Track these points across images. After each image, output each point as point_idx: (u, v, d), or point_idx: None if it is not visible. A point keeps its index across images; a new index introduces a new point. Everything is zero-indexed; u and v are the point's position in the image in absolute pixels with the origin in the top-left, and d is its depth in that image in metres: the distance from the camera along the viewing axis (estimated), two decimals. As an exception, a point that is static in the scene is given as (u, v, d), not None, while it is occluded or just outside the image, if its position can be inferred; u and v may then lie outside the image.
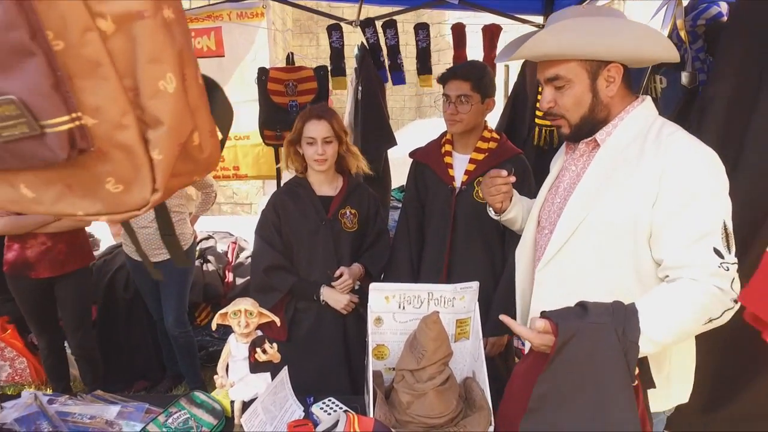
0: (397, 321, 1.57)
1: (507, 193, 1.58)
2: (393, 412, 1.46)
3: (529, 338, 1.11)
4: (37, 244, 2.47)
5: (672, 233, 1.17)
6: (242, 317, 1.27)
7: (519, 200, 1.67)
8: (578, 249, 1.34)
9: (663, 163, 1.20)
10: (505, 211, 1.63)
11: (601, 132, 1.33)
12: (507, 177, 1.55)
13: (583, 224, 1.32)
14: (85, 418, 1.43)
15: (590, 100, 1.30)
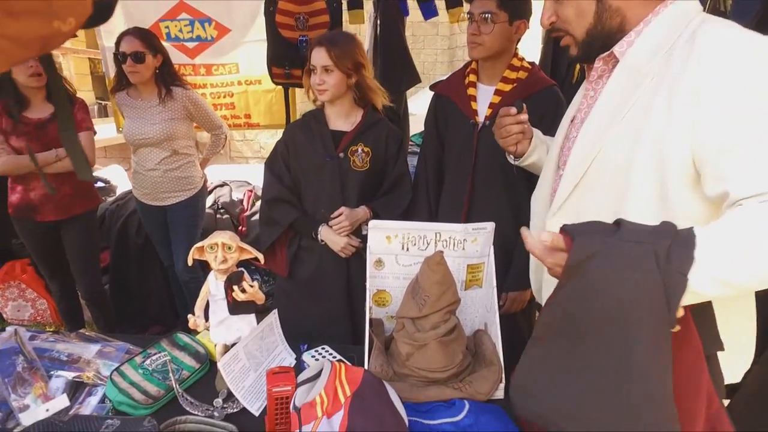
0: (399, 264, 1.41)
1: (521, 134, 1.36)
2: (391, 364, 1.32)
3: (541, 256, 0.87)
4: (40, 186, 2.39)
5: (738, 159, 0.85)
6: (219, 251, 1.13)
7: (542, 142, 1.44)
8: (592, 192, 1.10)
9: (699, 71, 0.89)
10: (524, 155, 1.41)
11: (620, 43, 1.04)
12: (517, 116, 1.33)
13: (597, 161, 1.06)
14: (63, 356, 1.34)
15: (594, 8, 1.04)
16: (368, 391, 1.06)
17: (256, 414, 1.17)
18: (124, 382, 1.18)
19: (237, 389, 1.16)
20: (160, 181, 2.62)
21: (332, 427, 0.99)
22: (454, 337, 1.28)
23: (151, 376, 1.22)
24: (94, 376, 1.25)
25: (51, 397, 1.18)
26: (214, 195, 3.39)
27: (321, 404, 1.03)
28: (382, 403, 1.04)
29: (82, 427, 0.89)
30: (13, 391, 1.19)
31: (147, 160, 2.60)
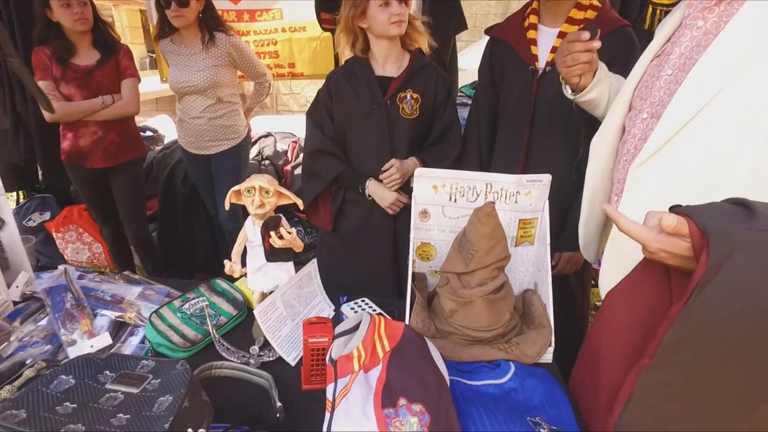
0: (446, 216, 1.32)
1: (587, 64, 1.22)
2: (433, 320, 1.26)
3: (643, 239, 0.74)
4: (88, 133, 2.43)
5: None
6: (256, 195, 1.07)
7: (606, 77, 1.29)
8: (699, 141, 0.97)
9: None
10: (585, 88, 1.26)
11: None
12: (588, 42, 1.18)
13: (714, 104, 0.93)
14: (107, 296, 1.35)
15: None
16: (408, 347, 1.00)
17: (292, 364, 1.14)
18: (163, 324, 1.17)
19: (273, 338, 1.13)
20: (204, 129, 2.61)
21: (369, 382, 0.94)
22: (502, 295, 1.19)
23: (189, 320, 1.21)
24: (136, 317, 1.26)
25: (96, 334, 1.19)
26: (258, 145, 3.37)
27: (358, 358, 0.98)
28: (423, 361, 0.98)
29: (119, 365, 0.88)
30: (62, 326, 1.21)
31: (191, 108, 2.58)
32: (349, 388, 0.93)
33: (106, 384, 0.83)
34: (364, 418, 0.86)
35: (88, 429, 0.72)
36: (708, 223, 0.67)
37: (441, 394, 0.92)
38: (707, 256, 0.65)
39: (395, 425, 0.85)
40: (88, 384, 0.83)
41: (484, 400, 1.01)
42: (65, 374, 0.83)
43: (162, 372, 0.86)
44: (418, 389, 0.91)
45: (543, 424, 0.96)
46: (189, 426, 0.76)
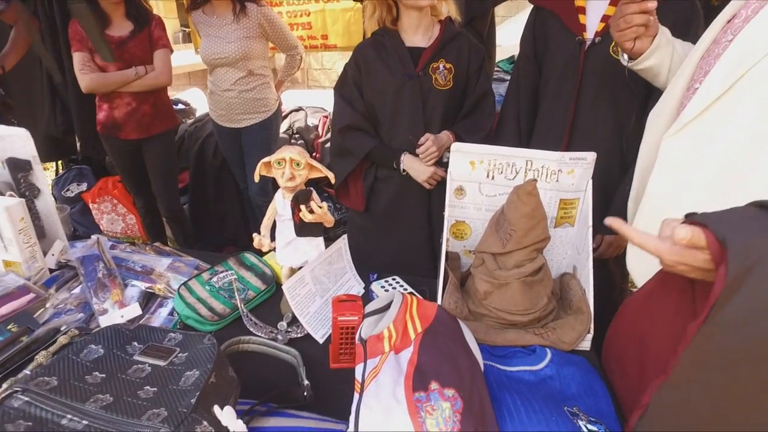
0: (482, 193, 1.27)
1: (643, 27, 1.12)
2: (467, 301, 1.22)
3: (658, 252, 0.68)
4: (123, 104, 2.44)
5: None
6: (287, 167, 1.04)
7: (669, 43, 1.19)
8: (735, 110, 0.88)
9: None
10: (642, 55, 1.17)
11: None
12: (643, 2, 1.09)
13: (748, 78, 0.84)
14: (138, 267, 1.35)
15: None
16: (441, 329, 0.97)
17: (320, 341, 1.12)
18: (191, 297, 1.16)
19: (302, 314, 1.10)
20: (235, 102, 2.59)
21: (400, 364, 0.91)
22: (540, 278, 1.14)
23: (217, 294, 1.19)
24: (165, 288, 1.25)
25: (126, 304, 1.19)
26: (289, 119, 3.35)
27: (389, 338, 0.95)
28: (456, 344, 0.94)
29: (147, 336, 0.87)
30: (94, 294, 1.21)
31: (223, 80, 2.56)
32: (379, 369, 0.90)
33: (134, 355, 0.82)
34: (394, 401, 0.83)
35: (115, 399, 0.71)
36: (727, 233, 0.60)
37: (474, 379, 0.89)
38: (726, 270, 0.58)
39: (426, 410, 0.82)
40: (116, 354, 0.82)
41: (519, 387, 0.96)
42: (94, 344, 0.83)
43: (189, 346, 0.85)
44: (450, 373, 0.87)
45: (581, 415, 0.91)
46: (216, 401, 0.74)
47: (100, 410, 0.68)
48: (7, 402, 0.66)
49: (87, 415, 0.67)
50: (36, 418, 0.65)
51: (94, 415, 0.67)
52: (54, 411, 0.67)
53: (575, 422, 0.88)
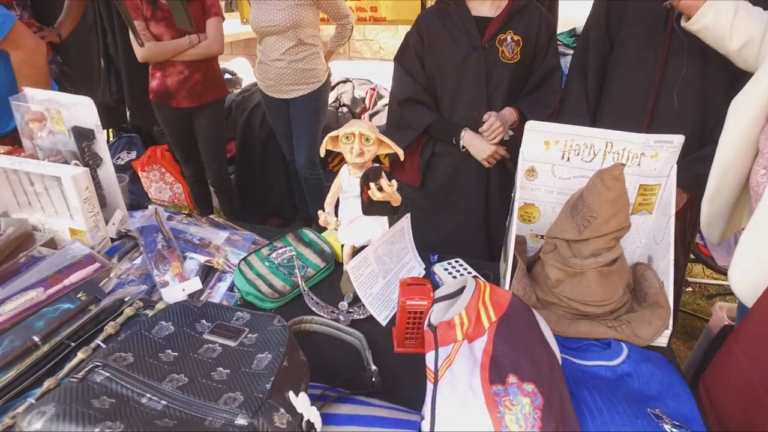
0: (556, 176, 1.19)
1: None
2: (534, 289, 1.16)
3: None
4: (175, 72, 2.43)
5: None
6: (356, 142, 0.99)
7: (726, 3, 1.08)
8: None
9: None
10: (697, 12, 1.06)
11: None
12: None
13: None
14: (195, 239, 1.35)
15: None
16: (515, 318, 0.91)
17: (383, 323, 1.08)
18: (251, 272, 1.15)
19: (365, 295, 1.07)
20: (284, 72, 2.55)
21: (474, 353, 0.86)
22: (617, 268, 1.07)
23: (276, 270, 1.17)
24: (224, 262, 1.24)
25: (186, 277, 1.18)
26: (336, 91, 3.29)
27: (461, 326, 0.91)
28: (533, 335, 0.89)
29: (214, 315, 0.85)
30: (155, 266, 1.21)
31: (272, 49, 2.52)
32: (452, 358, 0.86)
33: (203, 334, 0.81)
34: (471, 393, 0.79)
35: (191, 380, 0.69)
36: None
37: (553, 374, 0.84)
38: None
39: (505, 404, 0.77)
40: (186, 332, 0.80)
41: (597, 384, 0.91)
42: (165, 320, 0.81)
43: (258, 326, 0.82)
44: (529, 367, 0.83)
45: (665, 418, 0.85)
46: (289, 387, 0.72)
47: (177, 391, 0.66)
48: (89, 376, 0.65)
49: (165, 395, 0.65)
50: (118, 395, 0.64)
51: (171, 395, 0.65)
52: (133, 389, 0.65)
53: (661, 426, 0.83)
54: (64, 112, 1.32)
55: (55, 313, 1.02)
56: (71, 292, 1.08)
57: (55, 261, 1.18)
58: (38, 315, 1.00)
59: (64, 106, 1.32)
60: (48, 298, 1.06)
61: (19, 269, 1.18)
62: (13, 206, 1.32)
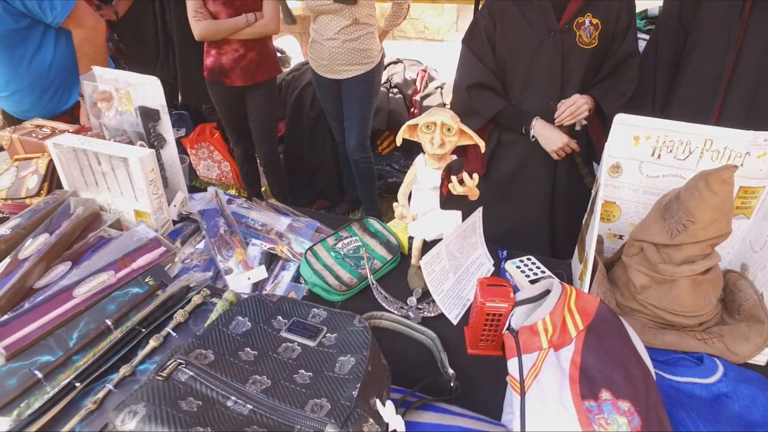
0: (643, 173, 1.11)
1: None
2: (614, 293, 1.09)
3: None
4: (231, 50, 2.41)
5: None
6: (437, 132, 0.93)
7: None
8: None
9: None
10: None
11: None
12: None
13: None
14: (257, 225, 1.33)
15: None
16: (604, 327, 0.85)
17: (454, 322, 1.04)
18: (318, 263, 1.12)
19: (436, 292, 1.03)
20: (337, 52, 2.49)
21: (561, 363, 0.81)
22: (711, 277, 0.99)
23: (342, 261, 1.14)
24: (288, 250, 1.21)
25: (250, 264, 1.16)
26: (387, 72, 3.22)
27: (545, 332, 0.85)
28: (624, 347, 0.83)
29: (290, 311, 0.82)
30: (218, 252, 1.20)
31: (326, 28, 2.46)
32: (539, 368, 0.81)
33: (281, 331, 0.78)
34: (562, 408, 0.74)
35: (273, 382, 0.66)
36: None
37: (650, 392, 0.77)
38: None
39: (600, 423, 0.72)
40: (263, 329, 0.78)
41: (694, 405, 0.84)
42: (241, 315, 0.79)
43: (337, 326, 0.79)
44: (623, 383, 0.77)
45: (772, 447, 0.78)
46: (373, 393, 0.68)
47: (261, 394, 0.64)
48: (174, 375, 0.63)
49: (250, 399, 0.63)
50: (203, 396, 0.62)
51: (257, 399, 0.63)
52: (218, 390, 0.63)
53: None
54: (132, 92, 1.31)
55: (125, 297, 1.01)
56: (140, 276, 1.07)
57: (123, 243, 1.18)
58: (110, 298, 1.00)
59: (132, 86, 1.31)
60: (118, 282, 1.05)
61: (88, 249, 1.19)
62: (81, 185, 1.33)
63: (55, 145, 1.25)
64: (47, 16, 1.65)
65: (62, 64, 1.81)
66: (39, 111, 1.85)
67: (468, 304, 1.08)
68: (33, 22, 1.67)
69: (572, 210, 1.76)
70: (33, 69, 1.76)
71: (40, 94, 1.84)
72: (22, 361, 0.85)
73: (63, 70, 1.83)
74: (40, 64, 1.76)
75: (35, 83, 1.80)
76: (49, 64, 1.78)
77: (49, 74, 1.80)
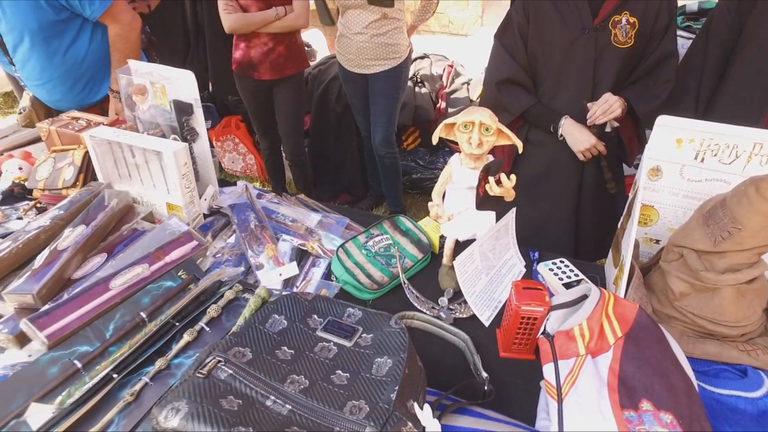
0: (684, 177, 1.07)
1: None
2: (650, 298, 1.06)
3: None
4: (260, 44, 2.42)
5: None
6: (475, 132, 0.92)
7: None
8: None
9: None
10: None
11: None
12: None
13: None
14: (288, 220, 1.33)
15: None
16: (644, 335, 0.83)
17: (486, 324, 1.03)
18: (349, 261, 1.11)
19: (469, 293, 1.02)
20: (365, 46, 2.48)
21: (599, 370, 0.79)
22: (757, 287, 0.96)
23: (374, 260, 1.13)
24: (318, 247, 1.21)
25: (281, 260, 1.17)
26: (413, 67, 3.19)
27: (581, 338, 0.84)
28: (665, 357, 0.81)
29: (325, 310, 0.82)
30: (249, 247, 1.20)
31: (355, 23, 2.45)
32: (576, 374, 0.79)
33: (316, 330, 0.78)
34: (600, 417, 0.73)
35: (311, 383, 0.66)
36: None
37: (692, 404, 0.75)
38: None
39: (640, 435, 0.70)
40: (299, 328, 0.78)
41: (739, 420, 0.82)
42: (277, 314, 0.79)
43: (373, 326, 0.78)
44: (664, 394, 0.75)
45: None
46: (410, 396, 0.68)
47: (300, 395, 0.64)
48: (214, 373, 0.64)
49: (289, 399, 0.63)
50: (243, 395, 0.62)
51: (295, 399, 0.63)
52: (257, 389, 0.63)
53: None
54: (167, 86, 1.32)
55: (159, 290, 1.02)
56: (173, 269, 1.08)
57: (156, 236, 1.20)
58: (144, 291, 1.01)
59: (166, 80, 1.32)
60: (152, 275, 1.07)
61: (122, 241, 1.20)
62: (115, 177, 1.35)
63: (91, 137, 1.26)
64: (86, 10, 1.68)
65: (95, 57, 1.83)
66: (70, 101, 1.89)
67: (499, 305, 1.07)
68: (72, 15, 1.71)
69: (598, 211, 1.72)
70: (67, 60, 1.79)
71: (71, 84, 1.87)
72: (62, 351, 0.87)
73: (95, 63, 1.86)
74: (74, 56, 1.79)
75: (68, 74, 1.83)
76: (82, 57, 1.81)
77: (82, 66, 1.83)
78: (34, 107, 1.95)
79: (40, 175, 1.40)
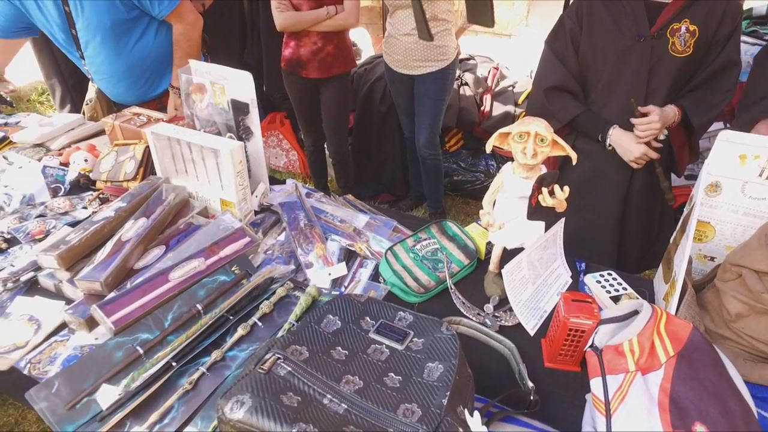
0: (745, 194, 1.05)
1: None
2: (703, 318, 1.04)
3: None
4: (309, 42, 2.46)
5: None
6: (530, 142, 0.92)
7: None
8: None
9: None
10: None
11: None
12: None
13: None
14: (336, 220, 1.36)
15: None
16: (698, 356, 0.82)
17: (531, 333, 1.03)
18: (397, 263, 1.13)
19: (515, 301, 1.02)
20: (413, 47, 2.48)
21: (649, 388, 0.78)
22: (819, 310, 0.92)
23: (421, 263, 1.15)
24: (366, 248, 1.23)
25: (330, 260, 1.19)
26: (459, 69, 3.17)
27: (631, 354, 0.83)
28: (721, 380, 0.79)
29: (377, 312, 0.84)
30: (298, 245, 1.23)
31: (403, 23, 2.46)
32: (625, 391, 0.79)
33: (369, 332, 0.80)
34: (651, 437, 0.72)
35: (365, 384, 0.68)
36: None
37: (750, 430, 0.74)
38: None
39: (692, 457, 0.69)
40: (352, 329, 0.80)
41: (796, 446, 0.79)
42: (332, 314, 0.82)
43: (424, 331, 0.80)
44: (720, 418, 0.74)
45: None
46: (459, 402, 0.69)
47: (355, 395, 0.66)
48: (274, 369, 0.66)
49: (345, 399, 0.65)
50: (302, 392, 0.65)
51: (351, 399, 0.65)
52: (315, 387, 0.66)
53: None
54: (226, 86, 1.36)
55: (213, 284, 1.07)
56: (227, 264, 1.12)
57: (210, 232, 1.25)
58: (200, 284, 1.06)
59: (225, 80, 1.36)
60: (207, 269, 1.11)
61: (179, 234, 1.26)
62: (172, 172, 1.41)
63: (152, 133, 1.32)
64: (154, 8, 1.76)
65: (159, 53, 1.91)
66: (132, 95, 1.98)
67: (545, 315, 1.07)
68: (141, 14, 1.79)
69: (644, 222, 1.68)
70: (133, 56, 1.87)
71: (134, 79, 1.95)
72: (126, 336, 0.92)
73: (158, 60, 1.93)
74: (139, 53, 1.87)
75: (132, 69, 1.91)
76: (147, 53, 1.89)
77: (146, 62, 1.91)
78: (98, 99, 2.05)
79: (103, 167, 1.48)
